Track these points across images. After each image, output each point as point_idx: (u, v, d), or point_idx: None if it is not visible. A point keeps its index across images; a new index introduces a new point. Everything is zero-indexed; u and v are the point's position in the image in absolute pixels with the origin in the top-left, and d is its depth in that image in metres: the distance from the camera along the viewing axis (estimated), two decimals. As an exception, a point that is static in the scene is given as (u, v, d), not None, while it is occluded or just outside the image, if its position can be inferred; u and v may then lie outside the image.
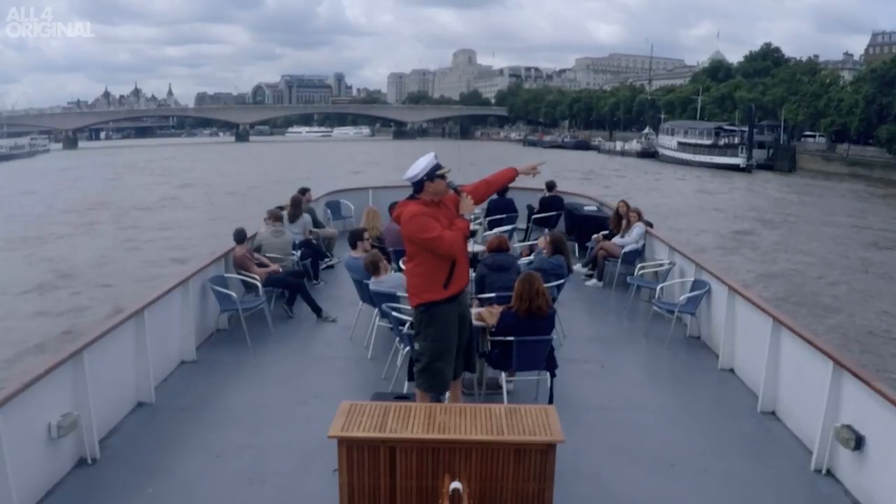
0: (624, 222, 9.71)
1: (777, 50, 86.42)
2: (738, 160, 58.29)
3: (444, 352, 4.45)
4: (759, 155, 60.17)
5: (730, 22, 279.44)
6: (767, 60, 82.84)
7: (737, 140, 62.00)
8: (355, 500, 3.32)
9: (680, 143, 67.96)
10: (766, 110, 68.56)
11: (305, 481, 4.28)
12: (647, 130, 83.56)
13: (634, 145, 79.25)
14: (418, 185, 4.31)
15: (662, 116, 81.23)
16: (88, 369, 4.50)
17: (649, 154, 73.58)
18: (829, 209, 34.98)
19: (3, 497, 3.61)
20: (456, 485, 3.02)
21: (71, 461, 4.41)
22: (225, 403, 5.57)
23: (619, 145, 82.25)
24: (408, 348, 5.39)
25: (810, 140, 66.77)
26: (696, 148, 64.52)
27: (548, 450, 3.29)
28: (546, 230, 10.98)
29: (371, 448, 3.28)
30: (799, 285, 18.22)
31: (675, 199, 36.25)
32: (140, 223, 27.76)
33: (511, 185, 5.16)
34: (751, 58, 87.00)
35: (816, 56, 75.05)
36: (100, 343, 4.74)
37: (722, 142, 63.16)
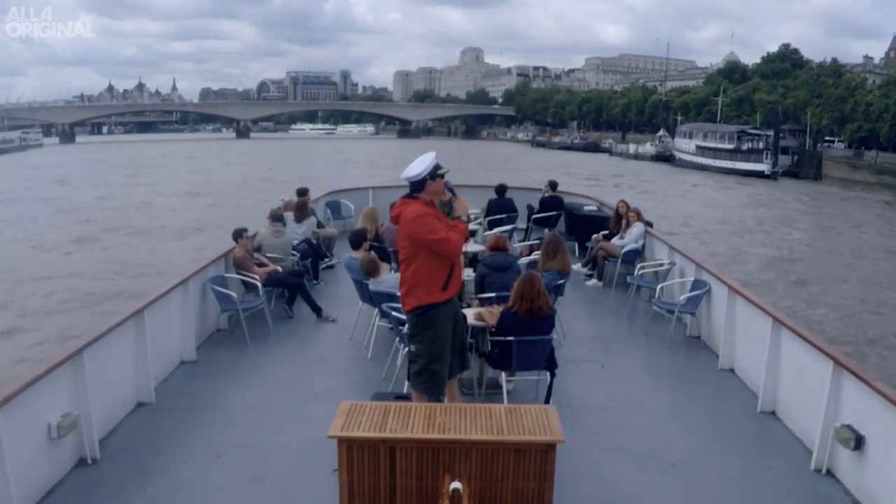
0: (624, 222, 9.72)
1: (796, 51, 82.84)
2: (763, 166, 54.26)
3: (442, 353, 4.45)
4: (783, 161, 56.26)
5: (737, 25, 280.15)
6: (786, 62, 79.54)
7: (761, 145, 57.95)
8: (355, 500, 3.31)
9: (699, 147, 63.99)
10: (787, 114, 64.18)
11: (305, 481, 4.28)
12: (661, 133, 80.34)
13: (649, 148, 75.18)
14: (420, 184, 4.28)
15: (679, 118, 77.26)
16: (88, 369, 4.50)
17: (665, 158, 69.34)
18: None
19: (3, 497, 3.61)
20: (456, 485, 3.02)
21: (71, 461, 4.41)
22: (225, 403, 5.56)
23: (632, 148, 77.95)
24: (407, 348, 5.38)
25: (830, 145, 62.98)
26: (717, 152, 60.56)
27: (548, 450, 3.29)
28: (546, 230, 10.99)
29: (371, 448, 3.28)
30: None
31: (751, 242, 25.57)
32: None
33: (511, 184, 5.18)
34: (768, 59, 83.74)
35: (835, 59, 70.16)
36: (100, 343, 4.74)
37: (745, 146, 59.06)
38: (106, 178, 46.39)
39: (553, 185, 12.02)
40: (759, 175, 53.22)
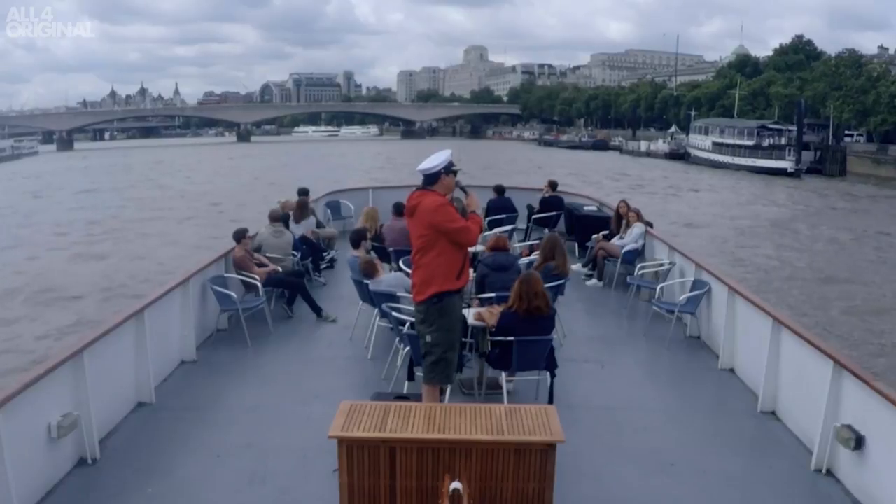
0: (624, 222, 9.71)
1: (809, 43, 79.82)
2: (786, 163, 51.50)
3: (456, 342, 4.63)
4: (805, 157, 53.41)
5: (740, 19, 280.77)
6: (799, 54, 76.50)
7: (783, 141, 55.54)
8: (355, 500, 3.31)
9: (715, 144, 61.41)
10: (805, 107, 58.76)
11: (305, 481, 4.28)
12: (673, 129, 78.28)
13: (661, 145, 72.40)
14: (434, 177, 4.46)
15: (693, 114, 74.68)
16: (88, 369, 4.50)
17: (679, 155, 66.97)
18: None
19: (3, 497, 3.61)
20: (456, 485, 3.02)
21: (71, 461, 4.41)
22: (225, 403, 5.56)
23: (643, 145, 75.23)
24: (408, 348, 5.39)
25: (849, 140, 60.04)
26: (736, 149, 57.98)
27: (548, 450, 3.29)
28: (546, 230, 10.99)
29: (371, 448, 3.28)
30: None
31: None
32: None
33: (511, 185, 5.25)
34: (781, 51, 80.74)
35: (854, 49, 66.29)
36: (100, 343, 4.74)
37: (766, 142, 56.52)
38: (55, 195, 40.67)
39: (553, 185, 12.02)
40: (781, 173, 50.74)
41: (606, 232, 9.91)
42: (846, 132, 61.54)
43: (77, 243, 24.12)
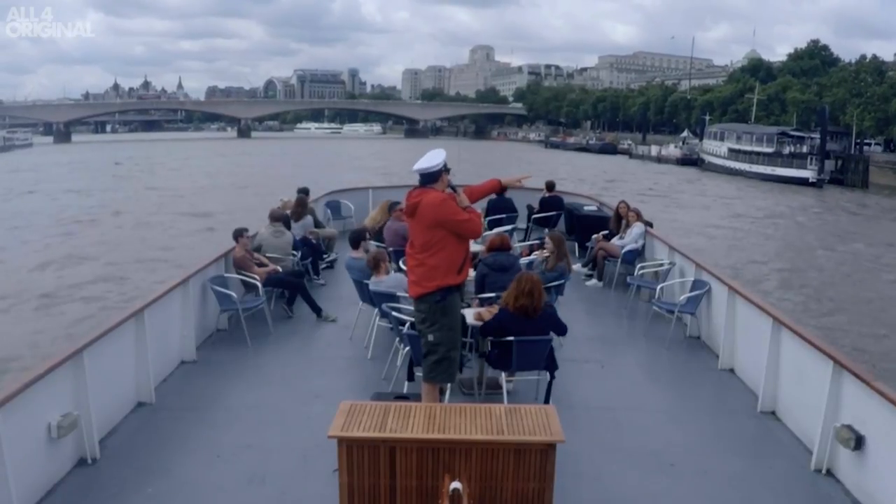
0: (624, 222, 9.72)
1: (825, 48, 76.85)
2: (808, 173, 48.73)
3: (458, 340, 4.66)
4: (826, 166, 50.63)
5: (747, 25, 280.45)
6: (815, 59, 73.78)
7: (804, 149, 52.84)
8: (355, 500, 3.31)
9: (731, 150, 58.79)
10: (822, 114, 55.63)
11: (305, 481, 4.28)
12: (685, 134, 75.81)
13: (673, 150, 69.30)
14: (436, 175, 4.52)
15: (708, 118, 71.45)
16: (88, 369, 4.50)
17: (691, 161, 64.27)
18: None
19: (3, 497, 3.61)
20: (456, 485, 3.02)
21: (71, 461, 4.41)
22: (225, 403, 5.56)
23: (654, 150, 72.35)
24: (408, 348, 5.39)
25: (866, 149, 56.81)
26: (753, 156, 55.33)
27: (548, 450, 3.29)
28: (546, 230, 10.99)
29: (371, 448, 3.28)
30: None
31: None
32: None
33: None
34: (796, 56, 77.61)
35: (875, 56, 63.00)
36: (100, 343, 4.74)
37: (786, 150, 53.75)
38: None
39: (550, 186, 12.05)
40: (803, 183, 48.13)
41: (606, 232, 9.92)
42: (865, 140, 58.68)
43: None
